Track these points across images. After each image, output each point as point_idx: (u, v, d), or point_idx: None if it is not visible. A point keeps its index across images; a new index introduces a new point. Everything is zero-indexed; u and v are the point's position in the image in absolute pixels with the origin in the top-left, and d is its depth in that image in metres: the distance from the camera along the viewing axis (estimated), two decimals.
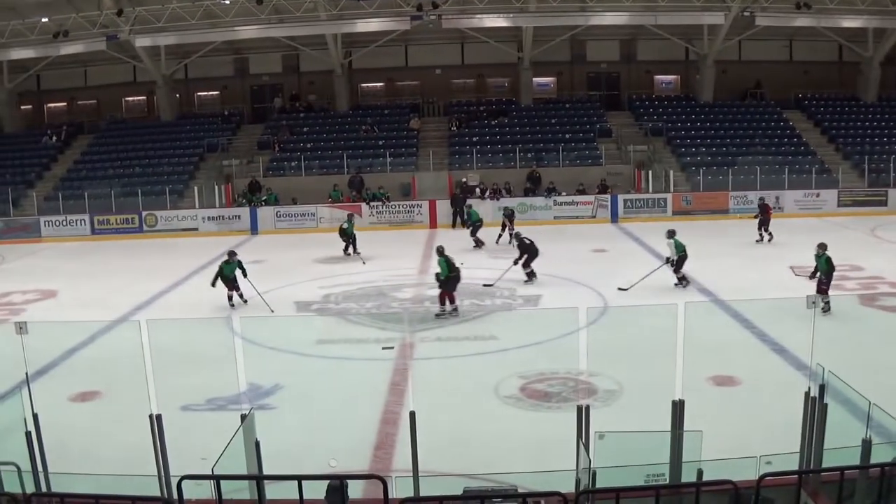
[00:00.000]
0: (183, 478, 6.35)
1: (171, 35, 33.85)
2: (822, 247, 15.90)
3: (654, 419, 7.47)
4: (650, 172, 32.30)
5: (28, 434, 8.16)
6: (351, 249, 24.37)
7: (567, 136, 35.52)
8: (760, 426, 9.80)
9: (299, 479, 5.98)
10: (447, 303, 16.58)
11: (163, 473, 7.53)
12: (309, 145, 35.69)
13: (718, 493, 6.14)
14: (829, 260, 15.70)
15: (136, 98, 40.62)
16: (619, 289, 18.03)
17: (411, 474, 7.36)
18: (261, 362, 13.18)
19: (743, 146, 34.46)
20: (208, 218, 31.17)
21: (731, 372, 12.31)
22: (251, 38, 35.02)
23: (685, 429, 7.06)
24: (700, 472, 6.60)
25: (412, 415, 7.37)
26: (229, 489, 6.33)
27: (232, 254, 18.39)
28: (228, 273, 18.01)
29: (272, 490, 6.64)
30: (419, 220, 30.67)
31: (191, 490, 6.40)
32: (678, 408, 7.17)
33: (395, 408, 11.45)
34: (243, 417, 7.45)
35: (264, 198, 31.94)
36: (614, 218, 30.73)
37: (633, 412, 10.58)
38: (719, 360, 12.52)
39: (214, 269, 18.48)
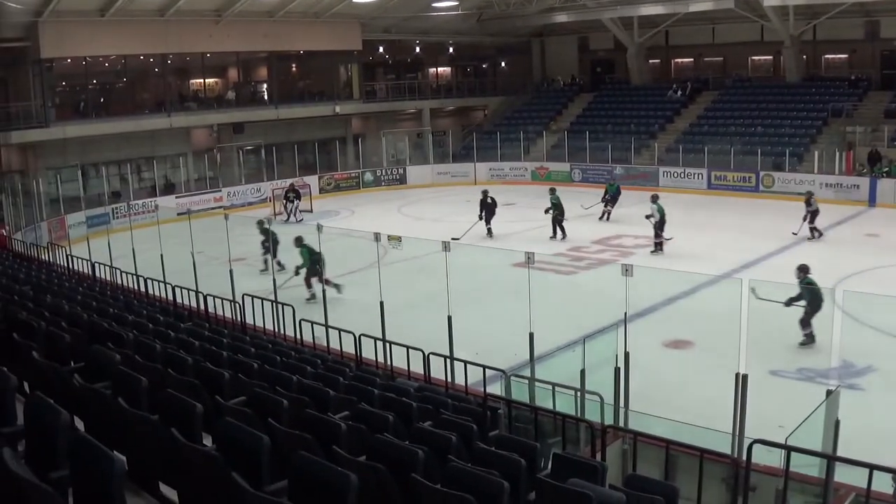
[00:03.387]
0: (754, 441, 6.32)
1: None
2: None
3: None
4: None
5: (617, 370, 8.80)
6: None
7: None
8: None
9: (872, 467, 5.64)
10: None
11: (737, 433, 7.53)
12: None
13: None
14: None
15: (762, 57, 39.95)
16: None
17: None
18: (859, 341, 12.38)
19: None
20: (826, 185, 29.50)
21: None
22: (884, 0, 32.06)
23: None
24: None
25: None
26: (798, 463, 6.17)
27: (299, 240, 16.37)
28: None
29: (841, 472, 6.30)
30: None
31: (760, 455, 6.33)
32: None
33: None
34: (828, 393, 7.21)
35: (885, 169, 29.36)
36: None
37: None
38: None
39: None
